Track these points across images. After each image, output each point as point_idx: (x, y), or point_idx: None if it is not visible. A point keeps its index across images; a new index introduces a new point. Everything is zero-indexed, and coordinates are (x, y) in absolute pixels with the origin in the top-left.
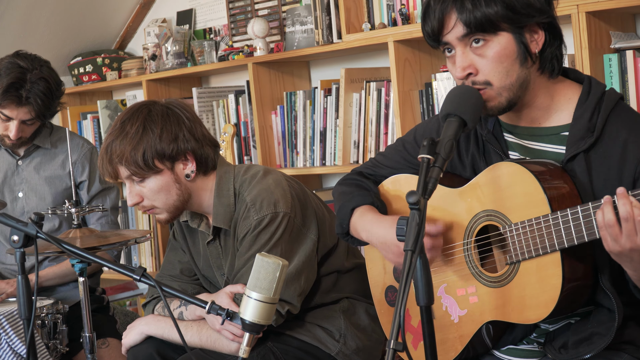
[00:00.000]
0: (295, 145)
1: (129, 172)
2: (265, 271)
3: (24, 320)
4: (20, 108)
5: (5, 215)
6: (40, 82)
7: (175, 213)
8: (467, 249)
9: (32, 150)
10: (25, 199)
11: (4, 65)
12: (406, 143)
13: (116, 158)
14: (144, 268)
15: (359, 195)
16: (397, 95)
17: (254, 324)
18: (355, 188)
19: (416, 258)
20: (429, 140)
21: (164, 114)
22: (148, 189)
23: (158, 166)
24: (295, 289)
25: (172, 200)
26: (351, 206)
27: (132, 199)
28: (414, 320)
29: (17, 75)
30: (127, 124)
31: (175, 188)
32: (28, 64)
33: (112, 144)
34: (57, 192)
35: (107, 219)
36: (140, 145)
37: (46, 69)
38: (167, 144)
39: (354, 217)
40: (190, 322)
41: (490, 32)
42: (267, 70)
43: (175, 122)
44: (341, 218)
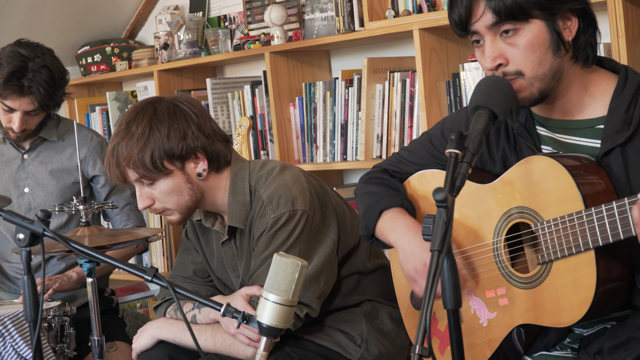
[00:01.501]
0: (315, 139)
1: (138, 175)
2: (283, 272)
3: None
4: (22, 98)
5: (10, 213)
6: (43, 71)
7: (188, 214)
8: (496, 248)
9: (38, 143)
10: (31, 195)
11: (5, 54)
12: (433, 137)
13: (123, 161)
14: (156, 268)
15: (388, 197)
16: (422, 86)
17: (272, 327)
18: (382, 188)
19: (443, 259)
20: (457, 134)
21: (170, 111)
22: (159, 191)
23: (168, 167)
24: (314, 291)
25: (184, 201)
26: (379, 208)
27: (142, 202)
28: (440, 324)
29: (18, 64)
30: (132, 125)
31: (187, 188)
32: (30, 52)
33: (118, 146)
34: (64, 186)
35: (130, 206)
36: (147, 147)
37: (49, 57)
38: (176, 143)
39: (382, 219)
40: (204, 326)
41: (521, 19)
42: (285, 60)
43: (182, 119)
44: (367, 220)
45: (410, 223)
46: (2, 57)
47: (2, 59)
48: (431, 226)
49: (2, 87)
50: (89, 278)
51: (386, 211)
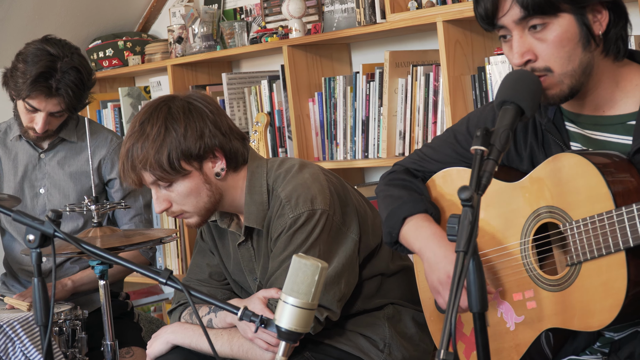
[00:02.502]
0: (335, 136)
1: (155, 177)
2: (302, 274)
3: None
4: (49, 99)
5: (20, 213)
6: (72, 72)
7: (207, 216)
8: (524, 249)
9: (57, 143)
10: (47, 196)
11: (32, 51)
12: (457, 134)
13: (139, 164)
14: (170, 270)
15: (411, 202)
16: (446, 80)
17: (291, 331)
18: (404, 191)
19: (469, 260)
20: (483, 130)
21: (185, 109)
22: (176, 193)
23: (185, 168)
24: (335, 293)
25: (203, 203)
26: (403, 215)
27: (160, 205)
28: (466, 328)
29: (47, 64)
30: (146, 125)
31: (205, 189)
32: (58, 50)
33: (133, 148)
34: (82, 189)
35: (140, 217)
36: (164, 147)
37: (77, 57)
38: (193, 143)
39: (405, 227)
40: (220, 330)
41: (549, 13)
42: (303, 54)
43: (198, 117)
44: (390, 227)
45: (435, 232)
46: (29, 55)
47: (29, 56)
48: (456, 226)
49: (30, 88)
50: (101, 280)
51: (410, 218)
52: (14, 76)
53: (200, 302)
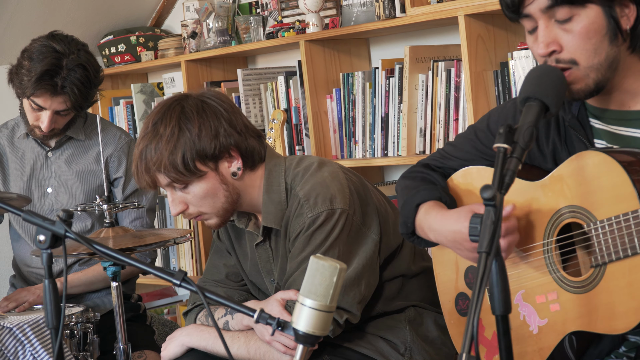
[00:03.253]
0: (354, 134)
1: (169, 179)
2: (321, 275)
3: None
4: (54, 98)
5: (30, 213)
6: (78, 69)
7: (226, 216)
8: (547, 250)
9: (64, 141)
10: (54, 196)
11: (37, 48)
12: (479, 131)
13: (153, 165)
14: (185, 272)
15: (425, 190)
16: (468, 76)
17: (309, 334)
18: (420, 182)
19: (491, 261)
20: (506, 127)
21: (199, 108)
22: (192, 195)
23: (201, 169)
24: (354, 295)
25: (221, 204)
26: (416, 202)
27: (176, 208)
28: (487, 331)
29: (52, 62)
30: (159, 126)
31: (222, 190)
32: (64, 47)
33: (146, 149)
34: (89, 189)
35: (142, 221)
36: (178, 148)
37: (84, 54)
38: (208, 142)
39: (419, 214)
40: (236, 333)
41: (577, 4)
42: (321, 49)
43: (212, 116)
44: (405, 216)
45: (446, 211)
46: (34, 52)
47: (34, 53)
48: (478, 226)
49: (34, 86)
50: (113, 282)
51: (422, 204)
52: (19, 74)
53: (216, 304)
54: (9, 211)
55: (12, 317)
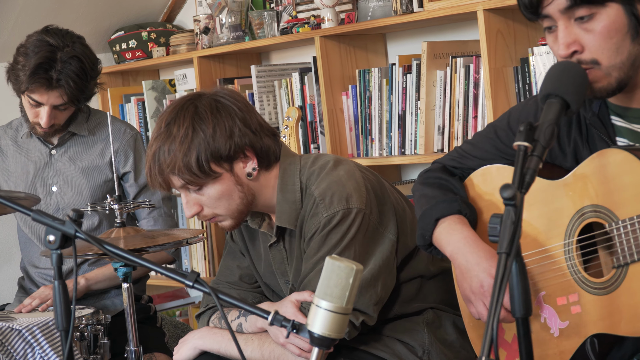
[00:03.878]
0: (370, 132)
1: (184, 181)
2: (336, 277)
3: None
4: (50, 92)
5: (40, 212)
6: (73, 61)
7: (241, 218)
8: (568, 250)
9: (67, 138)
10: (60, 194)
11: (32, 43)
12: (498, 129)
13: (167, 168)
14: (198, 273)
15: (444, 202)
16: (488, 72)
17: (324, 337)
18: (438, 191)
19: (512, 262)
20: (526, 125)
21: (212, 108)
22: (207, 196)
23: (216, 170)
24: (371, 297)
25: (236, 205)
26: (435, 216)
27: (190, 210)
28: (507, 334)
29: (46, 55)
30: (172, 126)
31: (237, 191)
32: (58, 40)
33: (159, 151)
34: (95, 185)
35: (159, 211)
36: (192, 150)
37: (79, 46)
38: (223, 143)
39: (438, 228)
40: (250, 335)
41: (597, 3)
42: (336, 45)
43: (227, 116)
44: (423, 228)
45: (468, 236)
46: (29, 47)
47: (29, 48)
48: (498, 226)
49: (29, 81)
50: (124, 283)
51: (442, 220)
52: (14, 70)
53: (229, 306)
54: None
55: (21, 319)
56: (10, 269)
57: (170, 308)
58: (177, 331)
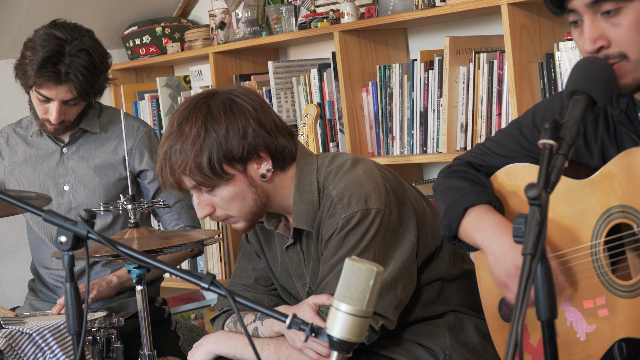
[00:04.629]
0: (391, 129)
1: (195, 182)
2: (356, 279)
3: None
4: (59, 86)
5: (51, 213)
6: (81, 55)
7: (254, 220)
8: (595, 252)
9: (79, 135)
10: (72, 193)
11: (39, 37)
12: (522, 126)
13: (178, 168)
14: (213, 275)
15: (473, 192)
16: (512, 68)
17: (343, 341)
18: (466, 182)
19: (537, 263)
20: (552, 122)
21: (226, 107)
22: (219, 198)
23: (228, 172)
24: (391, 300)
25: (249, 207)
26: (464, 205)
27: (202, 211)
28: (532, 338)
29: (54, 48)
30: (185, 126)
31: (250, 193)
32: (66, 34)
33: (171, 150)
34: (109, 183)
35: (182, 203)
36: (204, 150)
37: (88, 39)
38: (236, 144)
39: (467, 218)
40: (267, 340)
41: None
42: (356, 40)
43: (240, 116)
44: (450, 219)
45: (500, 222)
46: (36, 41)
47: (36, 42)
48: (523, 227)
49: (37, 75)
50: (138, 286)
51: (472, 209)
52: (22, 65)
53: (245, 309)
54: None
55: (32, 322)
56: (19, 271)
57: (185, 311)
58: (192, 335)
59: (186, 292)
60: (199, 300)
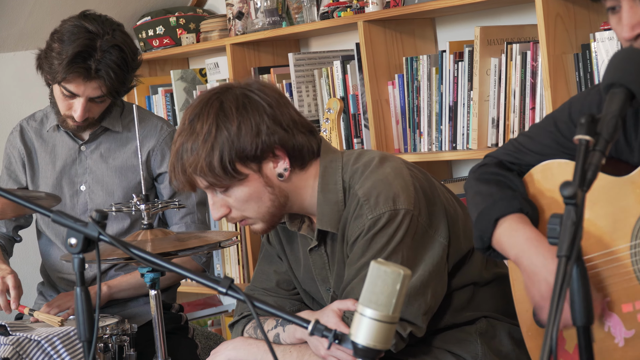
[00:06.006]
0: (418, 125)
1: (207, 182)
2: (382, 283)
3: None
4: (88, 83)
5: (60, 213)
6: (113, 51)
7: (273, 221)
8: (634, 253)
9: (99, 133)
10: (88, 194)
11: (68, 29)
12: (558, 121)
13: (189, 167)
14: (231, 279)
15: (503, 200)
16: (546, 60)
17: (369, 348)
18: (496, 188)
19: (572, 266)
20: (588, 117)
21: (239, 104)
22: (234, 198)
23: (242, 171)
24: (419, 305)
25: (266, 208)
26: (495, 216)
27: (217, 212)
28: (568, 344)
29: (85, 42)
30: (196, 123)
31: (267, 193)
32: (98, 27)
33: (182, 148)
34: (129, 186)
35: (192, 217)
36: (215, 149)
37: (119, 34)
38: (249, 142)
39: (498, 229)
40: (288, 347)
41: None
42: (381, 30)
43: (254, 112)
44: (481, 230)
45: (531, 237)
46: (65, 33)
47: (64, 34)
48: (558, 227)
49: (66, 70)
50: (152, 290)
51: (503, 219)
52: (48, 57)
53: (265, 315)
54: (36, 211)
55: (41, 329)
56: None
57: (202, 317)
58: (209, 342)
59: (202, 297)
60: (216, 306)
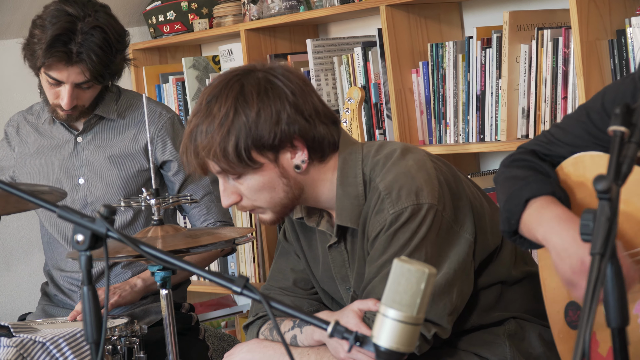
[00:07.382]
0: (444, 115)
1: (220, 168)
2: (405, 281)
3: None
4: (70, 67)
5: (66, 209)
6: (95, 32)
7: (283, 212)
8: None
9: (94, 122)
10: (87, 186)
11: (49, 13)
12: (591, 111)
13: (202, 150)
14: (247, 278)
15: (536, 182)
16: (579, 46)
17: (392, 351)
18: (529, 171)
19: (606, 264)
20: (623, 107)
21: (260, 89)
22: (246, 186)
23: (257, 159)
24: (444, 306)
25: (279, 199)
26: (526, 196)
27: (227, 199)
28: (602, 347)
29: (65, 25)
30: (213, 104)
31: (281, 184)
32: (78, 10)
33: (197, 130)
34: (128, 175)
35: (210, 196)
36: (231, 134)
37: (103, 15)
38: (267, 130)
39: (528, 210)
40: (306, 349)
41: None
42: (405, 15)
43: (275, 99)
44: (510, 211)
45: (561, 213)
46: (46, 18)
47: (46, 19)
48: (591, 223)
49: (45, 55)
50: (163, 289)
51: (534, 200)
52: (30, 44)
53: (282, 315)
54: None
55: (45, 330)
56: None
57: (215, 318)
58: (222, 344)
59: (215, 297)
60: (230, 306)
